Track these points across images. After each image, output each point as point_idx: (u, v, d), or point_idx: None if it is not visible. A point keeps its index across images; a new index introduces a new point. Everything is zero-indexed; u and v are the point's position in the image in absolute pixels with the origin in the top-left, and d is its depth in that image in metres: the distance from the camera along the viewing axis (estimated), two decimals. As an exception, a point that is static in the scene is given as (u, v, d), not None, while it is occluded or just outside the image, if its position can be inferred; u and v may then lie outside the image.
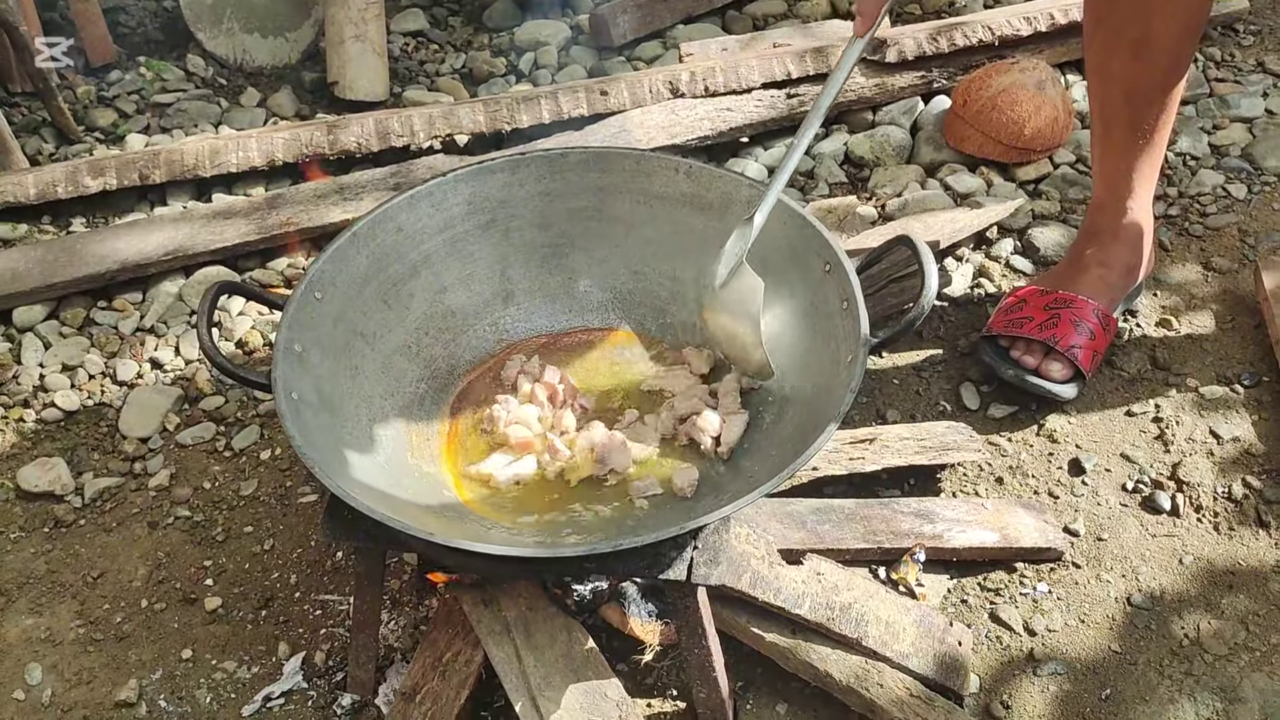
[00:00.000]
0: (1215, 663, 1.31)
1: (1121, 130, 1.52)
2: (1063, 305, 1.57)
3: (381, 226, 1.34)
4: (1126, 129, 1.52)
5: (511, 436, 1.31)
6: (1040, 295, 1.60)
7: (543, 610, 1.26)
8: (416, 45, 2.39)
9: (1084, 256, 1.62)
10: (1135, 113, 1.50)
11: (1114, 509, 1.48)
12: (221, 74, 2.29)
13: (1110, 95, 1.50)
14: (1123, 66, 1.46)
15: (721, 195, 1.38)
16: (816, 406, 1.19)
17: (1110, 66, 1.47)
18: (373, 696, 1.29)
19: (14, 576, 1.43)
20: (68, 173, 1.89)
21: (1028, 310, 1.59)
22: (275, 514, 1.49)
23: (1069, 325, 1.55)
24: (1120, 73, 1.47)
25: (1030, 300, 1.60)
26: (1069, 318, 1.56)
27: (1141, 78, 1.46)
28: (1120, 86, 1.48)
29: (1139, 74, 1.46)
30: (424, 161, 1.95)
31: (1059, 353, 1.55)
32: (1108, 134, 1.55)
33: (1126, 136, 1.53)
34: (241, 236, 1.81)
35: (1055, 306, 1.57)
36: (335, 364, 1.26)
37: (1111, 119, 1.52)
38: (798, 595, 1.27)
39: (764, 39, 2.21)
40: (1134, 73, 1.46)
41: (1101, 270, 1.60)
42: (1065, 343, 1.54)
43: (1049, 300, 1.58)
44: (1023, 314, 1.58)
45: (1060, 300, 1.57)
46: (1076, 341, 1.55)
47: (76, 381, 1.67)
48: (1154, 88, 1.48)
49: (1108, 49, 1.46)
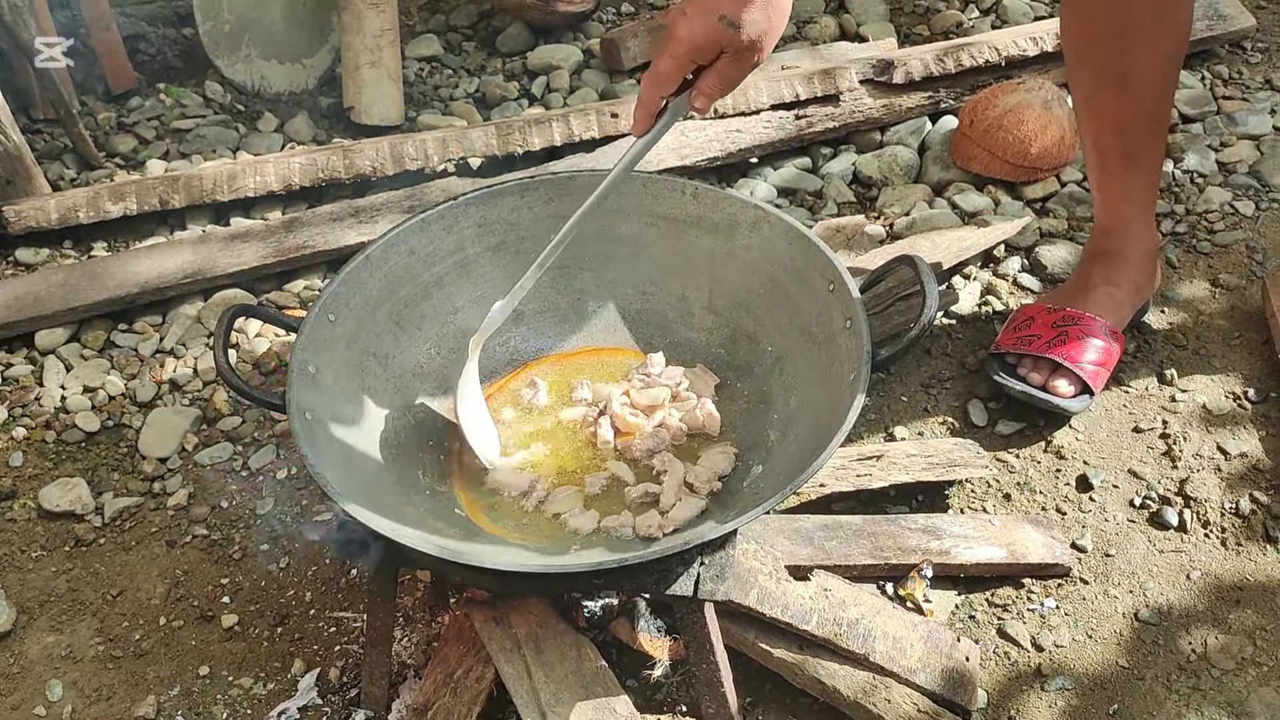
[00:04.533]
0: (1223, 678, 1.32)
1: (1116, 160, 1.54)
2: (1071, 322, 1.58)
3: (394, 249, 1.37)
4: (1121, 159, 1.54)
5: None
6: (1048, 313, 1.61)
7: (553, 627, 1.28)
8: (431, 70, 2.43)
9: (1091, 275, 1.63)
10: (1127, 143, 1.52)
11: (1121, 525, 1.48)
12: (239, 100, 2.33)
13: (1101, 130, 1.52)
14: (1110, 102, 1.48)
15: (727, 216, 1.40)
16: (821, 424, 1.20)
17: (1098, 103, 1.49)
18: (386, 712, 1.31)
19: (35, 594, 1.46)
20: (89, 198, 1.93)
21: (1036, 328, 1.60)
22: (291, 533, 1.52)
23: (1077, 342, 1.56)
24: (1109, 108, 1.49)
25: (1038, 317, 1.61)
26: (1077, 334, 1.57)
27: (1130, 110, 1.48)
28: (1110, 121, 1.50)
29: (1127, 107, 1.48)
30: (438, 184, 1.98)
31: (1067, 369, 1.55)
32: (1103, 165, 1.57)
33: (1122, 166, 1.55)
34: (259, 259, 1.85)
35: (1064, 324, 1.58)
36: (348, 384, 1.29)
37: (1105, 151, 1.54)
38: (805, 611, 1.28)
39: (773, 61, 2.23)
40: (1122, 107, 1.48)
41: (1109, 289, 1.62)
42: (1074, 359, 1.55)
43: (1057, 318, 1.59)
44: (1031, 331, 1.59)
45: (1069, 318, 1.58)
46: (1085, 358, 1.55)
47: (97, 403, 1.70)
48: (1144, 118, 1.49)
49: (1094, 86, 1.48)
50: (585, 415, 1.40)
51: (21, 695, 1.35)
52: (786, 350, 1.36)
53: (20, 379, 1.73)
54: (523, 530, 1.27)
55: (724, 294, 1.43)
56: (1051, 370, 1.57)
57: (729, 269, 1.42)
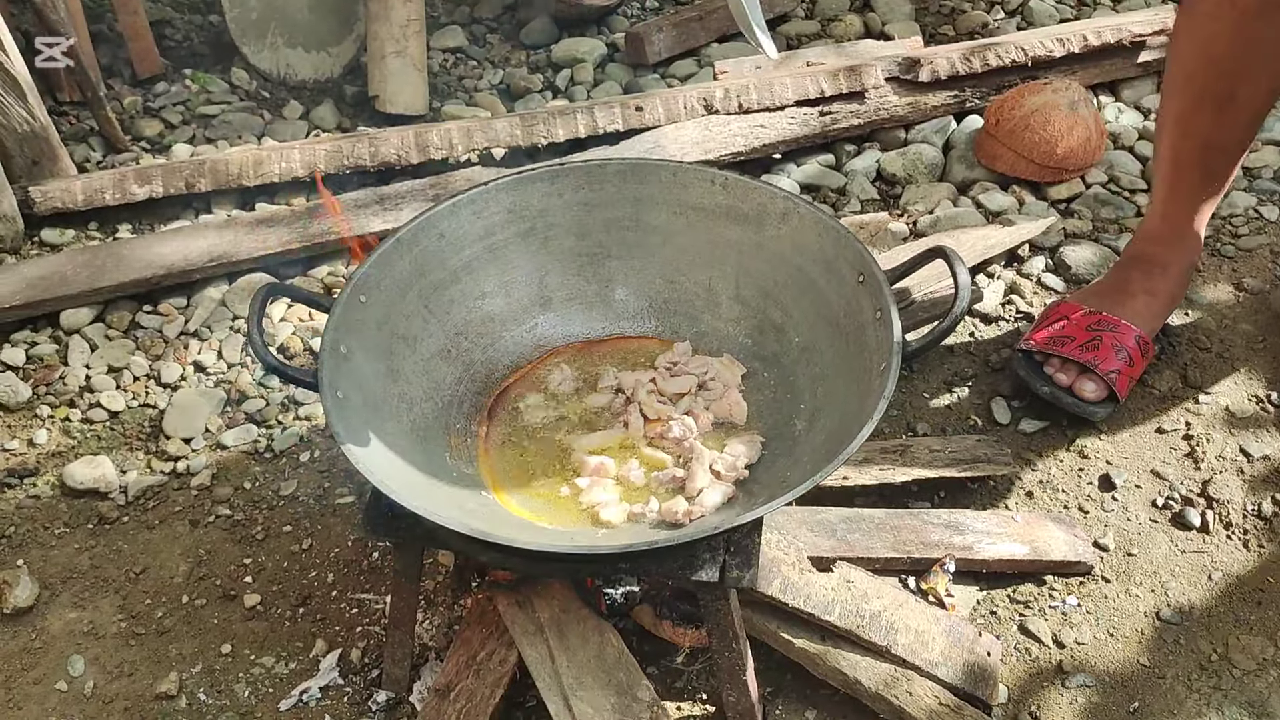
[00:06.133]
0: (1243, 678, 1.32)
1: (1194, 178, 1.54)
2: (1106, 328, 1.58)
3: (424, 233, 1.37)
4: (1200, 177, 1.54)
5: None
6: (1084, 315, 1.60)
7: (576, 612, 1.28)
8: (455, 61, 2.44)
9: (1131, 280, 1.63)
10: (1210, 163, 1.52)
11: (1144, 524, 1.48)
12: (265, 87, 2.34)
13: (1188, 147, 1.51)
14: (1205, 122, 1.47)
15: (756, 207, 1.40)
16: (849, 414, 1.20)
17: (1192, 121, 1.48)
18: (407, 694, 1.31)
19: (59, 571, 1.46)
20: (115, 180, 1.94)
21: (1069, 329, 1.59)
22: (314, 514, 1.52)
23: (1110, 349, 1.56)
24: (1201, 128, 1.48)
25: (1072, 318, 1.60)
26: (1110, 341, 1.57)
27: (1222, 133, 1.48)
28: (1199, 140, 1.49)
29: (1220, 129, 1.47)
30: (462, 173, 1.99)
31: (1096, 374, 1.55)
32: (1178, 179, 1.56)
33: (1198, 183, 1.55)
34: (283, 244, 1.85)
35: (1098, 329, 1.58)
36: (378, 365, 1.29)
37: (1184, 167, 1.53)
38: (827, 602, 1.29)
39: (797, 58, 2.23)
40: (1216, 128, 1.47)
41: (1148, 298, 1.62)
42: (1105, 366, 1.55)
43: (1092, 321, 1.59)
44: (1064, 332, 1.59)
45: (1104, 323, 1.58)
46: (1115, 366, 1.55)
47: (122, 383, 1.70)
48: (1232, 142, 1.50)
49: (1192, 104, 1.47)
50: (612, 403, 1.40)
51: (44, 670, 1.36)
52: (814, 341, 1.36)
53: (45, 358, 1.74)
54: (549, 514, 1.27)
55: (751, 284, 1.43)
56: (1079, 372, 1.57)
57: (757, 259, 1.42)
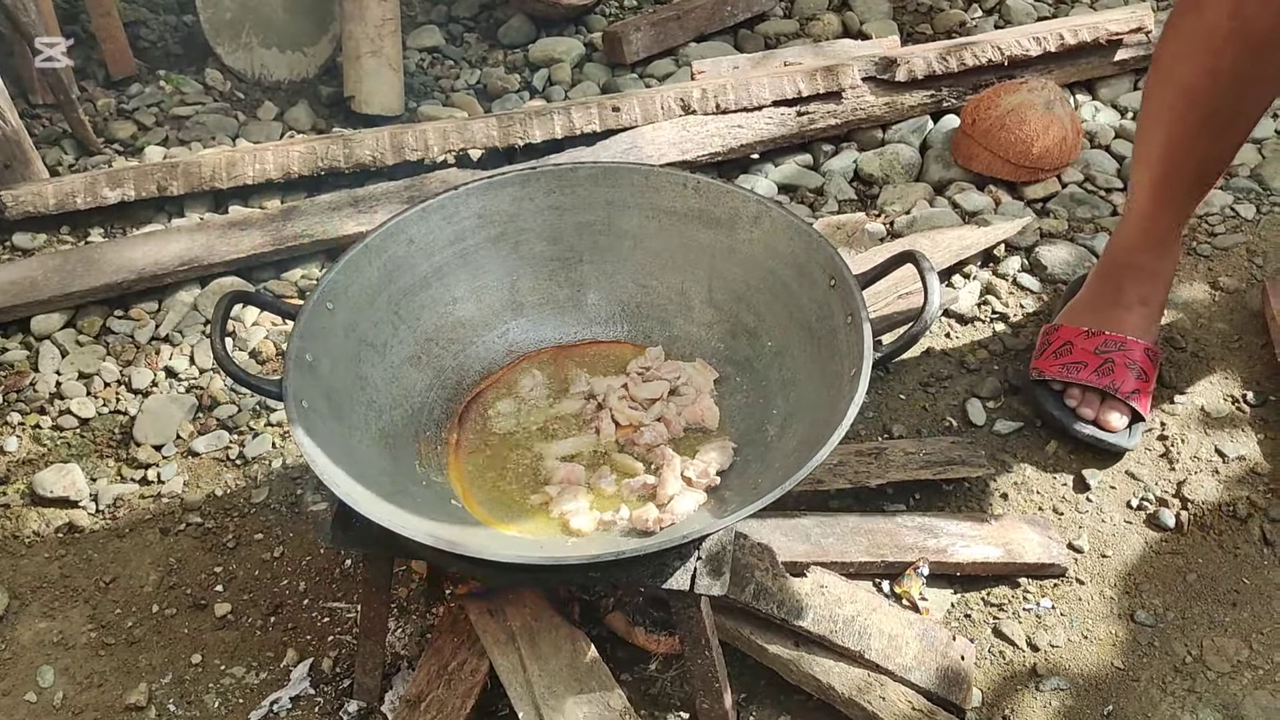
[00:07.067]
0: (1218, 680, 1.32)
1: (1189, 183, 1.53)
2: (1114, 348, 1.57)
3: (393, 239, 1.36)
4: (1190, 190, 1.54)
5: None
6: (1087, 337, 1.59)
7: (547, 620, 1.27)
8: (432, 61, 2.42)
9: (1125, 293, 1.61)
10: (1206, 173, 1.52)
11: (1118, 526, 1.48)
12: (239, 88, 2.32)
13: (1185, 165, 1.50)
14: (1207, 145, 1.47)
15: (729, 210, 1.40)
16: (820, 420, 1.19)
17: (1195, 144, 1.47)
18: (379, 703, 1.30)
19: (28, 580, 1.45)
20: (87, 184, 1.92)
21: (1078, 354, 1.58)
22: (285, 522, 1.51)
23: (1124, 370, 1.55)
24: (1204, 150, 1.48)
25: (1077, 343, 1.59)
26: (1123, 361, 1.56)
27: (1219, 152, 1.48)
28: (1197, 158, 1.49)
29: (1220, 150, 1.48)
30: (438, 175, 1.98)
31: (1118, 399, 1.54)
32: (1169, 192, 1.55)
33: (1187, 195, 1.55)
34: (257, 247, 1.84)
35: (1106, 350, 1.57)
36: (345, 373, 1.28)
37: (1177, 183, 1.53)
38: (801, 607, 1.28)
39: (775, 58, 2.23)
40: (1216, 149, 1.48)
41: (1145, 309, 1.61)
42: (1125, 389, 1.54)
43: (1098, 342, 1.58)
44: (1074, 359, 1.57)
45: (1111, 343, 1.57)
46: (1134, 386, 1.55)
47: (92, 389, 1.69)
48: (1226, 159, 1.51)
49: (1194, 128, 1.45)
50: (583, 409, 1.39)
51: (12, 681, 1.35)
52: (786, 345, 1.35)
53: (15, 364, 1.72)
54: (519, 523, 1.26)
55: (724, 288, 1.42)
56: (1100, 401, 1.56)
57: (729, 263, 1.41)
